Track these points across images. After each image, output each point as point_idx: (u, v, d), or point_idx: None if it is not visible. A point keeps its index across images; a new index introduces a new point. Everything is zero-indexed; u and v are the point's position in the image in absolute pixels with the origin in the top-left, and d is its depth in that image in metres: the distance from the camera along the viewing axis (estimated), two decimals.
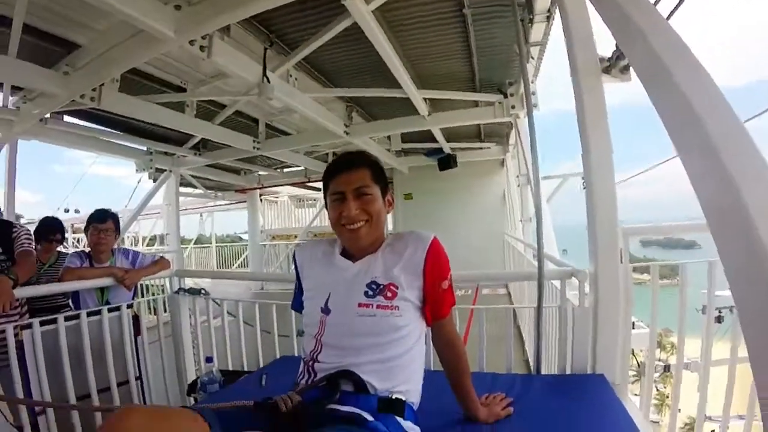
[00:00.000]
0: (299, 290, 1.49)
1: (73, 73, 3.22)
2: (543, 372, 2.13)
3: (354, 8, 2.60)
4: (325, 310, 1.32)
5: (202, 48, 2.76)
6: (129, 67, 3.14)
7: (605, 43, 1.90)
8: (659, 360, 2.41)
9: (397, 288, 1.27)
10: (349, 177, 1.30)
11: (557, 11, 2.30)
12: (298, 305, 1.50)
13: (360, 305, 1.27)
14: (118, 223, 2.99)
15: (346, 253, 1.38)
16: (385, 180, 1.38)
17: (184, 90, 4.27)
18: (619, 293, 1.90)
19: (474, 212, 8.39)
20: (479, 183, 8.49)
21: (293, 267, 1.53)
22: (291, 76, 3.76)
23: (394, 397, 1.22)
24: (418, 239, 1.32)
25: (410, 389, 1.28)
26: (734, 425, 2.17)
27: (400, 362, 1.26)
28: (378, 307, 1.26)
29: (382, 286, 1.28)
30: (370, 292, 1.27)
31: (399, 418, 1.20)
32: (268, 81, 3.26)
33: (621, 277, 1.91)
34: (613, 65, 1.94)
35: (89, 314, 2.40)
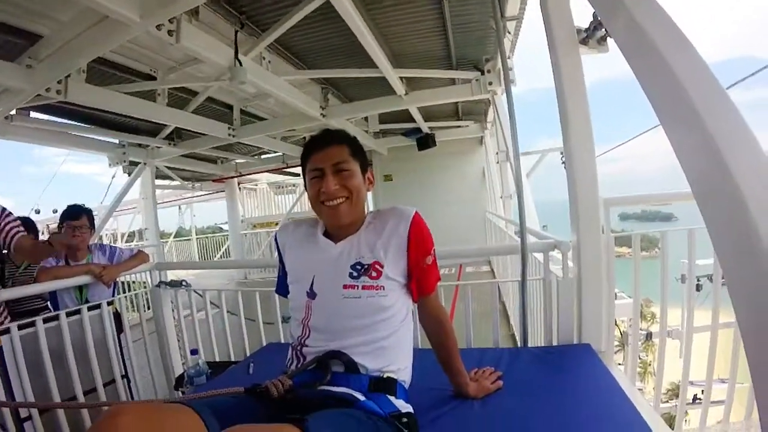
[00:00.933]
0: (283, 273, 1.46)
1: (36, 65, 3.09)
2: (530, 345, 2.16)
3: None
4: (311, 294, 1.30)
5: (170, 32, 2.66)
6: (95, 56, 3.01)
7: (580, 14, 1.90)
8: (640, 329, 2.46)
9: (381, 266, 1.26)
10: (327, 153, 1.28)
11: None
12: (282, 289, 1.48)
13: (345, 287, 1.25)
14: (93, 218, 2.89)
15: (327, 234, 1.36)
16: (364, 156, 1.36)
17: (154, 78, 4.14)
18: (601, 263, 1.93)
19: (454, 191, 8.42)
20: (458, 162, 8.52)
21: (275, 250, 1.50)
22: (264, 58, 3.68)
23: (385, 376, 1.22)
24: (399, 215, 1.31)
25: (400, 368, 1.28)
26: (715, 388, 2.23)
27: (388, 342, 1.26)
28: (363, 287, 1.24)
29: (366, 266, 1.26)
30: (355, 273, 1.26)
31: (391, 397, 1.20)
32: (240, 64, 3.17)
33: (603, 248, 1.93)
34: (590, 36, 1.92)
35: (69, 314, 2.32)
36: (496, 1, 2.35)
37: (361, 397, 1.15)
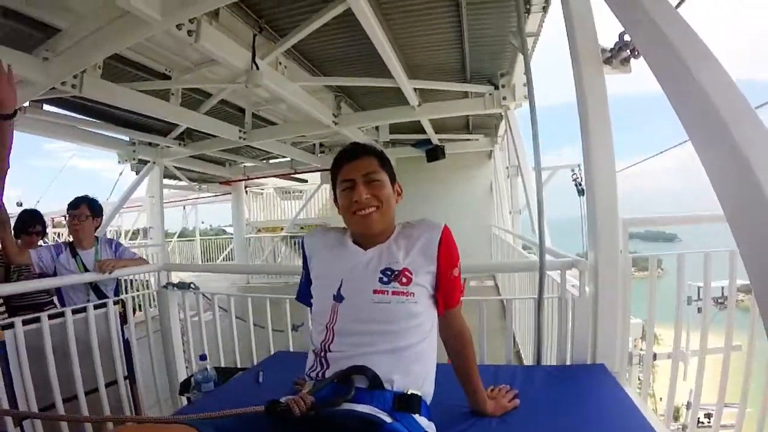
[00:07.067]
0: (306, 280, 1.45)
1: (53, 58, 3.07)
2: (542, 363, 2.12)
3: None
4: (338, 298, 1.28)
5: (189, 32, 2.67)
6: (112, 52, 3.01)
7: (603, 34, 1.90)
8: (641, 350, 2.42)
9: (411, 273, 1.26)
10: (358, 164, 1.31)
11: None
12: (304, 296, 1.46)
13: (375, 292, 1.24)
14: (95, 208, 2.90)
15: (356, 242, 1.36)
16: (391, 169, 1.38)
17: (168, 78, 4.15)
18: (618, 284, 1.90)
19: (461, 204, 8.39)
20: (467, 175, 8.53)
21: (301, 255, 1.49)
22: (280, 63, 3.69)
23: (409, 392, 1.18)
24: (430, 226, 1.33)
25: (425, 383, 1.25)
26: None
27: (414, 352, 1.23)
28: (393, 293, 1.24)
29: (396, 272, 1.26)
30: (385, 279, 1.25)
31: (415, 416, 1.16)
32: (257, 68, 3.17)
33: (620, 268, 1.90)
34: (615, 56, 1.92)
35: (74, 312, 2.27)
36: (522, 15, 2.35)
37: (387, 419, 1.10)
